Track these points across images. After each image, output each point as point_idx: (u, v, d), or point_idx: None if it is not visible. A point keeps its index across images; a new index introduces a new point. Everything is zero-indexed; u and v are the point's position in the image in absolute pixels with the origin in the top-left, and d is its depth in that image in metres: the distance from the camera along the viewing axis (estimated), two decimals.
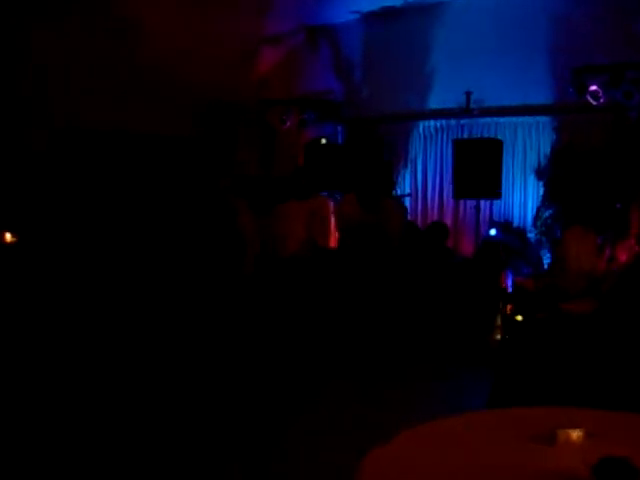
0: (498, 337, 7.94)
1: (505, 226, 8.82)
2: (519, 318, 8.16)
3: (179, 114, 9.72)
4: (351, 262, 7.53)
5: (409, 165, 10.21)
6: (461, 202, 9.61)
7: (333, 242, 8.54)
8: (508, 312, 8.19)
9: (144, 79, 9.19)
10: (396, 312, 7.63)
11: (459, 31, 9.36)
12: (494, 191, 8.35)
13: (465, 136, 9.51)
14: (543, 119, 8.92)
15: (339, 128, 10.87)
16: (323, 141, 9.67)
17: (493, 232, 8.51)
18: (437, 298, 7.87)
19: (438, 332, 7.61)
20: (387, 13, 10.07)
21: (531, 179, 8.97)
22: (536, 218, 8.59)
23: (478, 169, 8.32)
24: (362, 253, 7.55)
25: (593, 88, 7.85)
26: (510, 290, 8.24)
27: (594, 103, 7.91)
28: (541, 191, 8.78)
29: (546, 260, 8.33)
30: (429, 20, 9.67)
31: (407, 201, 9.79)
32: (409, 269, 7.97)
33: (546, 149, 8.83)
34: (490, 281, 7.97)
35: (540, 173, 8.78)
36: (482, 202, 9.25)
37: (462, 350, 7.39)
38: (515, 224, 8.95)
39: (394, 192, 10.26)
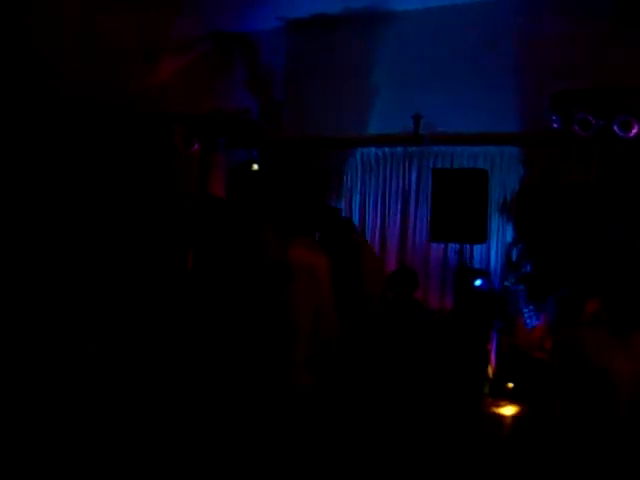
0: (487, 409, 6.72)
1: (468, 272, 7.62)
2: (511, 386, 7.01)
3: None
4: None
5: (343, 198, 8.81)
6: (410, 243, 8.35)
7: None
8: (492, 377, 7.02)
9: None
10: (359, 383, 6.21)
11: (408, 45, 8.13)
12: (479, 233, 7.06)
13: (415, 167, 8.26)
14: (510, 149, 7.82)
15: (254, 152, 9.27)
16: (255, 167, 8.04)
17: (479, 282, 7.24)
18: (408, 364, 6.52)
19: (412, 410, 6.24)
20: (318, 21, 8.65)
21: (495, 217, 7.83)
22: (513, 265, 7.42)
23: (460, 206, 7.01)
24: None
25: (583, 117, 6.84)
26: (494, 352, 7.07)
27: (582, 133, 6.90)
28: (509, 232, 7.68)
29: (528, 313, 7.19)
30: (371, 31, 8.35)
31: None
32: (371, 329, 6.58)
33: (513, 184, 7.73)
34: (475, 342, 6.73)
35: (506, 211, 7.68)
36: (434, 245, 8.08)
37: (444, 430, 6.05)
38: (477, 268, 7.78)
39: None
